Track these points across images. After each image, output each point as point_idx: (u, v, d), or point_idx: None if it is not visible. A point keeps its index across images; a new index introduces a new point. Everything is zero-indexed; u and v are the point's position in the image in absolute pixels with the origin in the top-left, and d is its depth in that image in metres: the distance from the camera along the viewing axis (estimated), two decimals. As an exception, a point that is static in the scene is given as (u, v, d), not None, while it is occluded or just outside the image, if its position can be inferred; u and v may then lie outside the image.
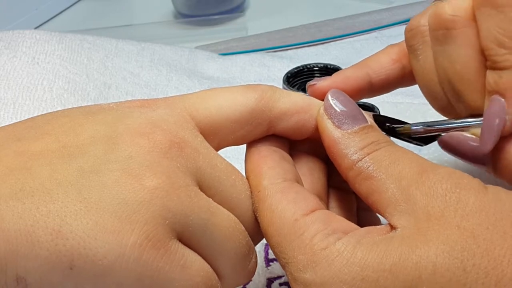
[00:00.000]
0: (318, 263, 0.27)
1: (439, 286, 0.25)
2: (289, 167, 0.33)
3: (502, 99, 0.31)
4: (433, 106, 0.38)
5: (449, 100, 0.35)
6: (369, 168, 0.30)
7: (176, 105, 0.32)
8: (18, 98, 0.54)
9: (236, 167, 0.32)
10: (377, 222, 0.35)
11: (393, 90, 0.40)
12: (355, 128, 0.31)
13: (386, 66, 0.39)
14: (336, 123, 0.32)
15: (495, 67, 0.32)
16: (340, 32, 0.73)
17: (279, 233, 0.29)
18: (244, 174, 0.33)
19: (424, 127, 0.35)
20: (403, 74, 0.39)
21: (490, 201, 0.27)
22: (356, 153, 0.30)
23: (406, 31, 0.38)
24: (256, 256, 0.32)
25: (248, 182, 0.32)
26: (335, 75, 0.38)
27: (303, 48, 0.72)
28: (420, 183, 0.28)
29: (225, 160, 0.31)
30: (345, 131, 0.31)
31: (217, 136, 0.32)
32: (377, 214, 0.32)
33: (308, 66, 0.57)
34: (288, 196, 0.30)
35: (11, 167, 0.27)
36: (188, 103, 0.32)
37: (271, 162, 0.32)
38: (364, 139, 0.31)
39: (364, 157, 0.30)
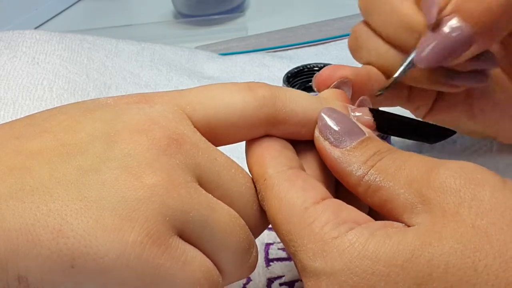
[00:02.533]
0: (328, 252, 0.27)
1: (449, 285, 0.25)
2: (292, 155, 0.32)
3: None
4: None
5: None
6: (376, 180, 0.29)
7: (174, 101, 0.31)
8: (18, 98, 0.54)
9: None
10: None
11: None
12: (353, 143, 0.31)
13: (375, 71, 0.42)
14: (334, 142, 0.31)
15: None
16: (340, 32, 0.73)
17: (289, 221, 0.29)
18: (243, 169, 0.32)
19: (403, 67, 0.39)
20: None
21: (506, 200, 0.26)
22: (360, 168, 0.30)
23: (351, 43, 0.44)
24: (257, 250, 0.32)
25: (251, 173, 0.32)
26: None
27: (303, 48, 0.72)
28: (430, 180, 0.28)
29: (224, 154, 0.31)
30: (344, 148, 0.31)
31: (212, 136, 0.32)
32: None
33: (308, 66, 0.57)
34: (296, 183, 0.30)
35: (10, 166, 0.27)
36: (185, 101, 0.32)
37: (274, 151, 0.32)
38: (365, 152, 0.30)
39: (369, 170, 0.30)
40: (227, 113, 0.31)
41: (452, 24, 0.36)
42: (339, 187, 0.33)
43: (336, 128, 0.32)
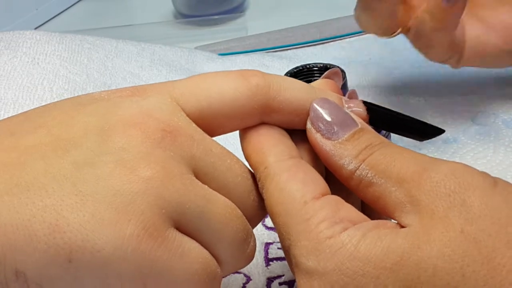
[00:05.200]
0: (321, 252, 0.27)
1: None
2: (291, 144, 0.32)
3: None
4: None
5: None
6: (368, 175, 0.29)
7: (167, 93, 0.31)
8: (18, 98, 0.54)
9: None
10: None
11: None
12: (345, 135, 0.31)
13: None
14: (326, 134, 0.31)
15: None
16: (340, 32, 0.73)
17: (287, 213, 0.29)
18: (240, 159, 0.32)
19: None
20: None
21: (496, 205, 0.26)
22: (352, 162, 0.30)
23: None
24: (255, 239, 0.32)
25: (249, 161, 0.32)
26: None
27: (303, 48, 0.72)
28: (422, 183, 0.28)
29: (220, 145, 0.31)
30: (336, 141, 0.31)
31: (206, 127, 0.31)
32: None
33: (308, 66, 0.57)
34: (297, 175, 0.30)
35: (5, 162, 0.27)
36: (178, 92, 0.31)
37: (273, 139, 0.32)
38: (357, 146, 0.30)
39: (360, 164, 0.30)
40: (220, 103, 0.31)
41: None
42: (330, 176, 0.33)
43: (328, 119, 0.31)
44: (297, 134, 0.33)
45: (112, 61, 0.62)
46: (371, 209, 0.31)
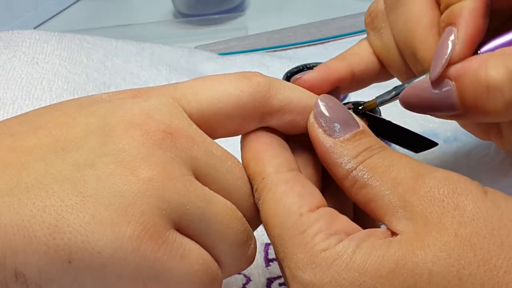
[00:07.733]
0: (317, 265, 0.27)
1: None
2: (290, 155, 0.32)
3: (454, 28, 0.33)
4: (402, 81, 0.39)
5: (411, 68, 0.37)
6: (364, 177, 0.29)
7: (169, 94, 0.31)
8: (17, 98, 0.54)
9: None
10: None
11: (372, 83, 0.41)
12: (347, 135, 0.31)
13: (365, 58, 0.39)
14: (327, 131, 0.31)
15: (449, 4, 0.33)
16: (340, 32, 0.73)
17: (282, 225, 0.29)
18: (240, 162, 0.32)
19: (389, 93, 0.36)
20: (380, 66, 0.40)
21: (488, 209, 0.27)
22: (350, 162, 0.30)
23: (367, 16, 0.40)
24: (255, 241, 0.32)
25: (247, 169, 0.32)
26: (318, 67, 0.38)
27: (303, 48, 0.72)
28: (416, 188, 0.28)
29: (220, 146, 0.31)
30: (337, 139, 0.31)
31: (208, 128, 0.31)
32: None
33: (308, 66, 0.57)
34: (295, 188, 0.30)
35: (5, 163, 0.27)
36: (180, 94, 0.31)
37: (273, 150, 0.32)
38: (357, 146, 0.30)
39: (358, 165, 0.30)
40: (222, 102, 0.31)
41: (446, 89, 0.33)
42: (326, 187, 0.33)
43: (331, 116, 0.31)
44: (296, 146, 0.33)
45: (111, 60, 0.62)
46: (363, 217, 0.31)
